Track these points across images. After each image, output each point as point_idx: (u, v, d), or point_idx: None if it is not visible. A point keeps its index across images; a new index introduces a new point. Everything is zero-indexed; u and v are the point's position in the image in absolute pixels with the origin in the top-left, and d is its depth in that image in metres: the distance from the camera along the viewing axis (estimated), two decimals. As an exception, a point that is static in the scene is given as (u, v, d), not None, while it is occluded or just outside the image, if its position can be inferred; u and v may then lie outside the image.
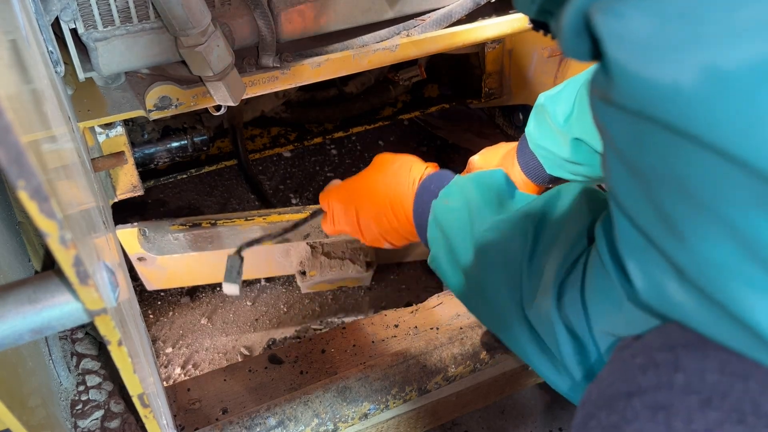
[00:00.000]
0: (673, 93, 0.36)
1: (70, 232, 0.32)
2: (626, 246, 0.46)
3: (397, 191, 0.88)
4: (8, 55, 0.37)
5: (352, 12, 0.97)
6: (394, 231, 0.89)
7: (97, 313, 0.39)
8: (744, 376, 0.39)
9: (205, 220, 1.31)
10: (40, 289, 0.39)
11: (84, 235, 0.40)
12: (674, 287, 0.43)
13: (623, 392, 0.44)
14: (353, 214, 0.92)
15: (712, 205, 0.37)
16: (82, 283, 0.36)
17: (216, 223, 1.31)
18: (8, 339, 0.39)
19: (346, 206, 0.93)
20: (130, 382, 0.52)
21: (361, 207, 0.91)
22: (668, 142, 0.38)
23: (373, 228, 0.91)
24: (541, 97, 0.94)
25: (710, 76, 0.34)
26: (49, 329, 0.40)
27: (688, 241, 0.40)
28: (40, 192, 0.29)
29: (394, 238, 0.91)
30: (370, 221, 0.91)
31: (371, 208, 0.90)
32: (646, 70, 0.37)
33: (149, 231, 1.26)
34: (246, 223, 1.32)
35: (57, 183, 0.35)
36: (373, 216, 0.90)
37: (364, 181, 0.92)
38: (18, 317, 0.39)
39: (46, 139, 0.39)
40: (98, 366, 0.94)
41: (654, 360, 0.43)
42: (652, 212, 0.42)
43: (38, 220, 0.31)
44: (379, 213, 0.89)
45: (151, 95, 0.88)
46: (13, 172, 0.28)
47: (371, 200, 0.90)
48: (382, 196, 0.89)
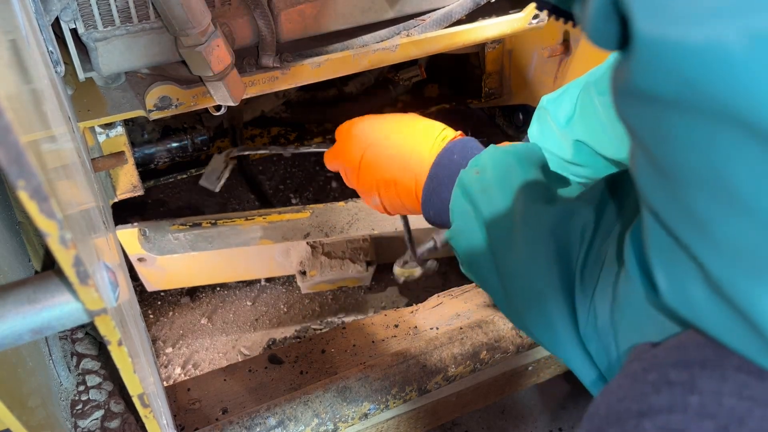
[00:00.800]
0: (713, 62, 0.32)
1: (70, 232, 0.32)
2: (653, 247, 0.44)
3: (418, 146, 0.81)
4: (8, 55, 0.37)
5: (352, 12, 0.97)
6: (396, 185, 0.82)
7: (97, 313, 0.39)
8: (763, 402, 0.37)
9: (205, 220, 1.31)
10: (40, 289, 0.39)
11: (84, 235, 0.40)
12: (699, 292, 0.40)
13: (634, 411, 0.41)
14: (361, 149, 0.84)
15: (752, 203, 0.34)
16: (82, 283, 0.36)
17: (216, 223, 1.31)
18: (8, 339, 0.39)
19: (358, 138, 0.85)
20: (130, 382, 0.52)
21: (373, 145, 0.83)
22: (702, 129, 0.34)
23: (375, 171, 0.83)
24: (543, 100, 0.92)
25: (760, 42, 0.30)
26: (49, 329, 0.40)
27: (720, 245, 0.37)
28: (40, 192, 0.29)
29: (390, 194, 0.84)
30: (376, 164, 0.83)
31: (383, 151, 0.83)
32: (683, 36, 0.33)
33: (149, 231, 1.26)
34: (246, 222, 1.32)
35: (57, 183, 0.35)
36: (382, 159, 0.83)
37: (389, 124, 0.85)
38: (18, 317, 0.39)
39: (46, 139, 0.39)
40: (98, 366, 0.94)
41: (668, 378, 0.41)
42: (680, 212, 0.39)
43: (38, 220, 0.30)
44: (389, 159, 0.82)
45: (151, 95, 0.88)
46: (13, 172, 0.28)
47: (387, 142, 0.83)
48: (402, 144, 0.82)
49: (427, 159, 0.80)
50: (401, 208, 0.86)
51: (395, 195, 0.83)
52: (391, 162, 0.82)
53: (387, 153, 0.82)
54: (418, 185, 0.80)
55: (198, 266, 1.31)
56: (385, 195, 0.85)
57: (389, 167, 0.82)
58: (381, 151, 0.83)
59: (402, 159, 0.81)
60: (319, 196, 1.71)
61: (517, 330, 1.02)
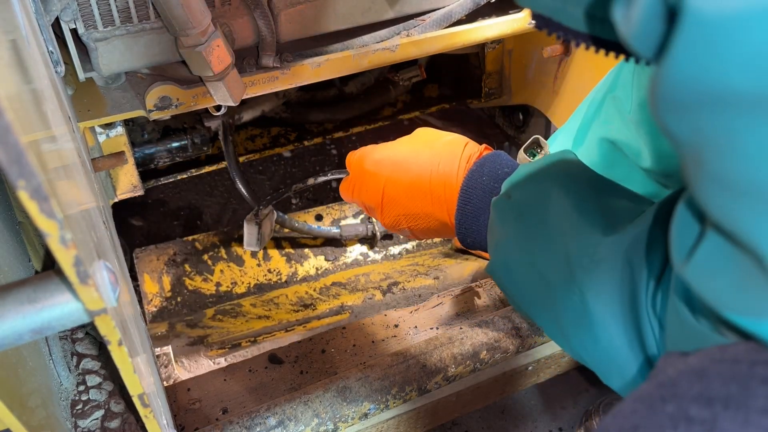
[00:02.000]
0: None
1: (70, 232, 0.32)
2: (707, 260, 0.39)
3: (443, 169, 0.73)
4: (8, 55, 0.37)
5: (352, 12, 0.97)
6: (426, 216, 0.76)
7: (98, 313, 0.39)
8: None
9: (244, 338, 1.19)
10: (40, 289, 0.39)
11: (84, 235, 0.40)
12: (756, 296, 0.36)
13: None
14: (380, 185, 0.78)
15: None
16: (82, 283, 0.36)
17: (256, 340, 1.19)
18: (8, 339, 0.39)
19: (374, 174, 0.79)
20: (130, 382, 0.52)
21: (392, 179, 0.76)
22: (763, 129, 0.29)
23: (399, 206, 0.77)
24: (601, 90, 0.82)
25: None
26: (49, 329, 0.40)
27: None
28: (40, 192, 0.29)
29: (420, 225, 0.77)
30: (399, 198, 0.76)
31: (404, 183, 0.75)
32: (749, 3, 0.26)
33: (185, 360, 1.14)
34: (286, 334, 1.21)
35: (57, 183, 0.35)
36: (404, 192, 0.76)
37: (404, 150, 0.78)
38: (18, 317, 0.39)
39: (46, 139, 0.39)
40: (98, 366, 0.94)
41: (688, 414, 0.37)
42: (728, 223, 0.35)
43: (38, 220, 0.30)
44: (413, 190, 0.75)
45: (152, 95, 0.88)
46: (13, 172, 0.28)
47: (407, 173, 0.75)
48: (423, 171, 0.74)
49: (455, 184, 0.73)
50: (434, 235, 0.79)
51: (425, 226, 0.78)
52: (416, 194, 0.75)
53: (409, 184, 0.75)
54: (450, 214, 0.74)
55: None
56: (415, 227, 0.79)
57: (414, 200, 0.76)
58: (402, 183, 0.76)
59: (427, 189, 0.74)
60: (319, 196, 1.71)
61: (516, 330, 1.02)
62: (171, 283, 1.35)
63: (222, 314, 1.28)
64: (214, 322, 1.26)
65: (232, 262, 1.39)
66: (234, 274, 1.38)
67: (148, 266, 1.35)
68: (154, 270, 1.35)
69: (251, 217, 1.00)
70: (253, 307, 1.31)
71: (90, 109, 0.88)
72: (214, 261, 1.38)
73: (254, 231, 0.98)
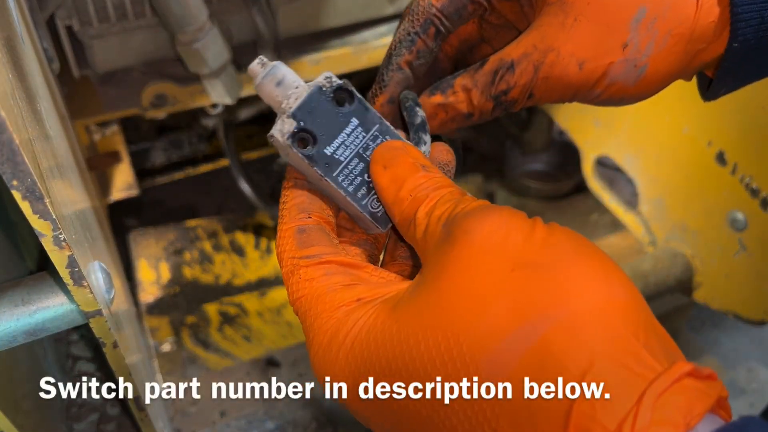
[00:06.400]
0: None
1: (64, 232, 0.31)
2: None
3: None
4: (2, 53, 0.36)
5: (352, 8, 0.96)
6: None
7: (92, 315, 0.39)
8: None
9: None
10: (33, 290, 0.39)
11: (78, 236, 0.40)
12: None
13: None
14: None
15: None
16: (76, 284, 0.35)
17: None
18: (1, 341, 0.38)
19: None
20: (126, 384, 0.52)
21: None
22: None
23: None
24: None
25: None
26: (43, 331, 0.39)
27: None
28: (34, 191, 0.29)
29: None
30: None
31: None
32: None
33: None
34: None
35: (51, 182, 0.34)
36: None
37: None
38: (11, 319, 0.38)
39: (40, 137, 0.38)
40: (94, 368, 0.94)
41: None
42: None
43: (32, 220, 0.30)
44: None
45: (147, 93, 0.87)
46: (6, 171, 0.27)
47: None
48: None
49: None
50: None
51: None
52: None
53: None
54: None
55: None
56: None
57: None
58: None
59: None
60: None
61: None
62: (169, 271, 1.33)
63: (228, 323, 1.26)
64: (226, 342, 1.22)
65: (234, 253, 1.38)
66: (235, 266, 1.37)
67: (145, 251, 1.32)
68: (151, 255, 1.33)
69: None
70: (261, 319, 1.28)
71: (85, 107, 0.87)
72: (216, 250, 1.36)
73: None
